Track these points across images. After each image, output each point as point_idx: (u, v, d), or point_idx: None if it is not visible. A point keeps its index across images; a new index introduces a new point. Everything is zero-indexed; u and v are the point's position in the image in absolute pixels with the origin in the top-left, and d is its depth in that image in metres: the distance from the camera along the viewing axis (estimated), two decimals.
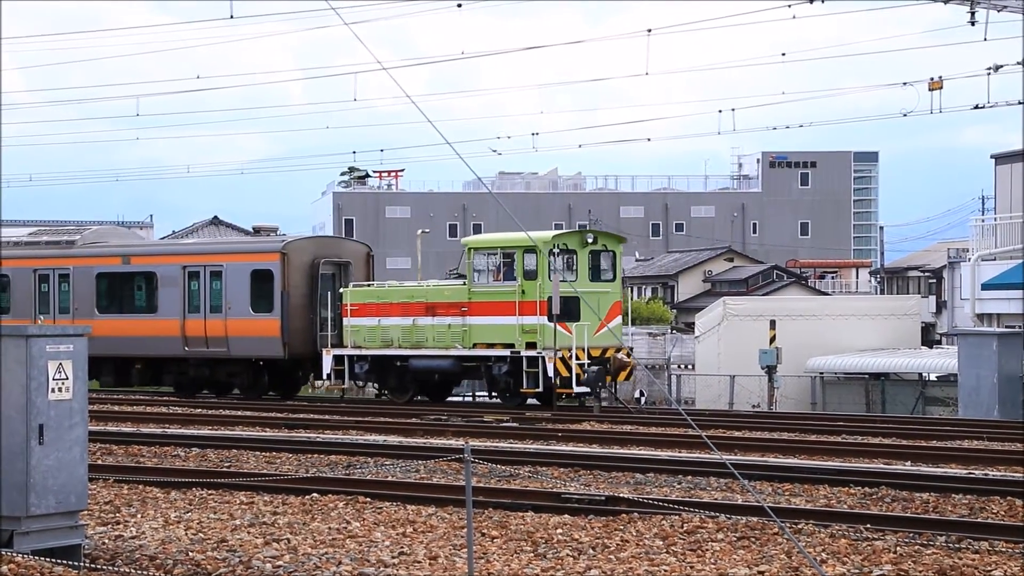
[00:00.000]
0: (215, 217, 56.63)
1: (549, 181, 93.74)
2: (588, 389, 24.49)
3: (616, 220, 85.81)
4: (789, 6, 23.35)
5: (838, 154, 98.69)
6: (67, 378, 9.36)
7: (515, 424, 21.80)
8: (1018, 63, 24.13)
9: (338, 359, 26.78)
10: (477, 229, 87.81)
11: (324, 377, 27.39)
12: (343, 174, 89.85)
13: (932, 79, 25.61)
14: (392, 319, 26.27)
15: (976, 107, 26.27)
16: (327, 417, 23.35)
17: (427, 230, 49.31)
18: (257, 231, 31.50)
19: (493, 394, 25.91)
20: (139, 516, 11.95)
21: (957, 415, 26.57)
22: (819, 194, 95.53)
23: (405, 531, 11.22)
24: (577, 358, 24.19)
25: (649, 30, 27.00)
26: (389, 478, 14.50)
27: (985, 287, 33.66)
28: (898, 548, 10.27)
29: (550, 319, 24.13)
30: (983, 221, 37.09)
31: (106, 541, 10.69)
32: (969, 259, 35.27)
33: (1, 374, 9.28)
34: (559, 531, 11.14)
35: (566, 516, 11.83)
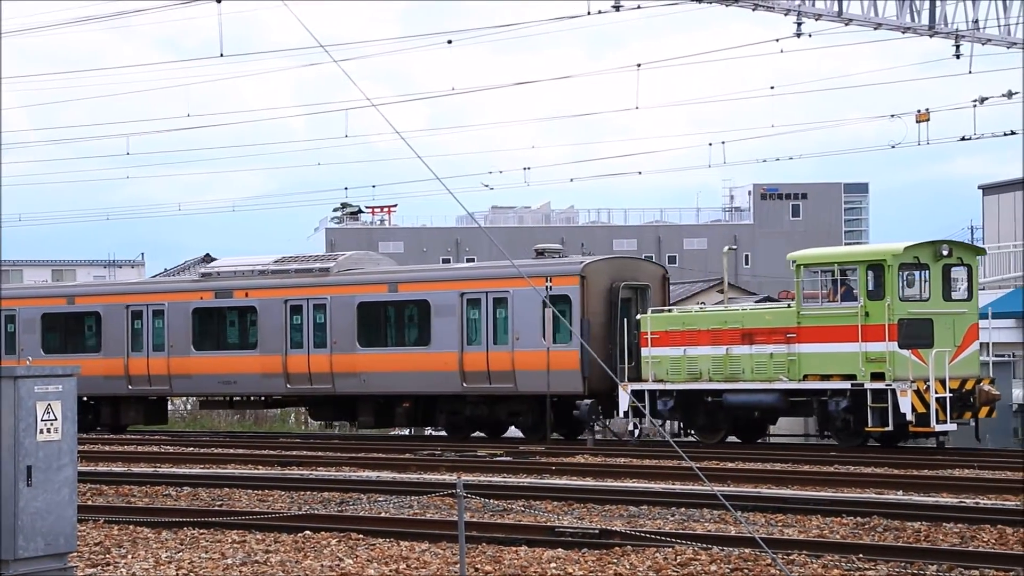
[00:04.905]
0: (207, 255, 56.64)
1: (542, 215, 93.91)
2: (952, 428, 21.53)
3: (609, 253, 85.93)
4: (777, 40, 23.57)
5: (829, 186, 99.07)
6: (56, 419, 9.35)
7: (509, 458, 21.74)
8: (1003, 95, 24.31)
9: (637, 395, 23.93)
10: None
11: (621, 415, 24.61)
12: (336, 210, 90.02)
13: (919, 111, 25.79)
14: (700, 348, 23.33)
15: (963, 139, 26.46)
16: (320, 454, 23.27)
17: (734, 247, 44.30)
18: (541, 253, 27.48)
19: (826, 433, 22.90)
20: (129, 557, 11.89)
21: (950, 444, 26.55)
22: (810, 225, 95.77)
23: (399, 567, 11.19)
24: (935, 391, 20.96)
25: (639, 65, 27.22)
26: (382, 514, 14.46)
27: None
28: None
29: (902, 345, 21.18)
30: None
31: None
32: None
33: None
34: (553, 565, 11.12)
35: (560, 550, 11.82)
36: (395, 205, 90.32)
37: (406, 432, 31.58)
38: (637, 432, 25.84)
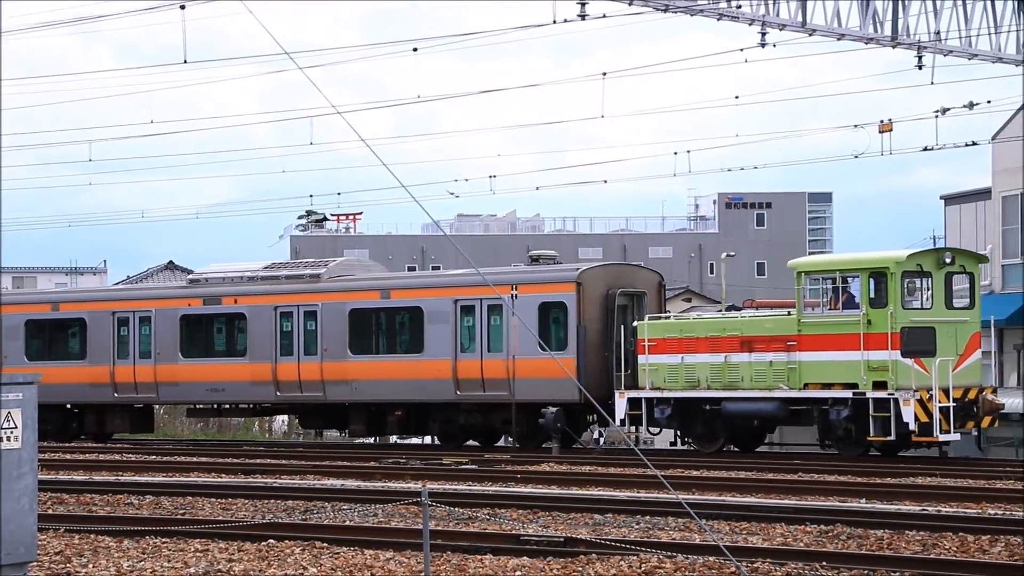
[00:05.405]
0: (170, 262, 56.31)
1: (507, 223, 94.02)
2: (955, 438, 21.26)
3: (575, 262, 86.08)
4: (741, 50, 23.74)
5: (793, 195, 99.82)
6: (16, 427, 9.25)
7: (474, 466, 21.72)
8: (964, 106, 24.59)
9: (633, 403, 23.66)
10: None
11: (617, 423, 24.01)
12: (301, 217, 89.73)
13: (882, 122, 26.02)
14: (698, 356, 23.04)
15: (925, 149, 26.75)
16: (284, 462, 23.15)
17: (732, 254, 43.62)
18: (536, 260, 27.24)
19: (827, 443, 22.60)
20: (91, 566, 11.78)
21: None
22: (775, 234, 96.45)
23: None
24: (939, 401, 20.64)
25: (604, 73, 27.35)
26: (347, 523, 14.40)
27: None
28: None
29: (904, 354, 20.91)
30: None
31: None
32: None
33: None
34: (518, 573, 11.12)
35: (525, 558, 11.81)
36: (360, 213, 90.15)
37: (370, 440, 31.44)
38: (602, 440, 25.82)
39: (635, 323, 24.43)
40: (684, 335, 23.44)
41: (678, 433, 24.06)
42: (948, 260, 21.78)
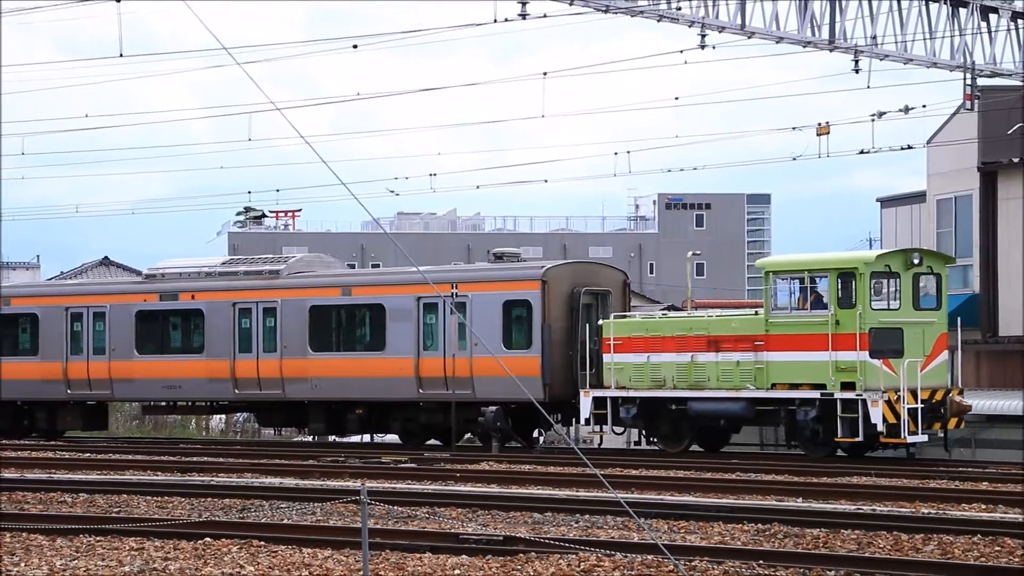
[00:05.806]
0: (105, 258, 55.52)
1: (448, 221, 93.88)
2: (923, 439, 21.09)
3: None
4: (681, 51, 23.93)
5: (732, 196, 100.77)
6: None
7: (413, 465, 21.66)
8: (899, 110, 25.00)
9: (598, 402, 23.42)
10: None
11: (583, 422, 23.85)
12: (239, 214, 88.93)
13: (820, 124, 26.36)
14: (665, 355, 22.84)
15: (862, 152, 27.16)
16: (221, 460, 22.94)
17: (698, 252, 42.97)
18: (500, 257, 26.91)
19: (793, 443, 22.55)
20: (23, 565, 11.60)
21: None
22: (714, 235, 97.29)
23: (301, 574, 11.08)
24: (907, 402, 20.47)
25: (545, 73, 27.57)
26: (285, 521, 14.30)
27: None
28: None
29: (872, 355, 20.81)
30: None
31: None
32: None
33: None
34: (457, 572, 11.11)
35: (464, 557, 11.81)
36: (299, 210, 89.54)
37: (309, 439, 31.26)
38: (542, 439, 25.85)
39: (600, 322, 24.19)
40: (650, 334, 23.23)
41: (643, 433, 23.91)
42: (916, 261, 21.70)
